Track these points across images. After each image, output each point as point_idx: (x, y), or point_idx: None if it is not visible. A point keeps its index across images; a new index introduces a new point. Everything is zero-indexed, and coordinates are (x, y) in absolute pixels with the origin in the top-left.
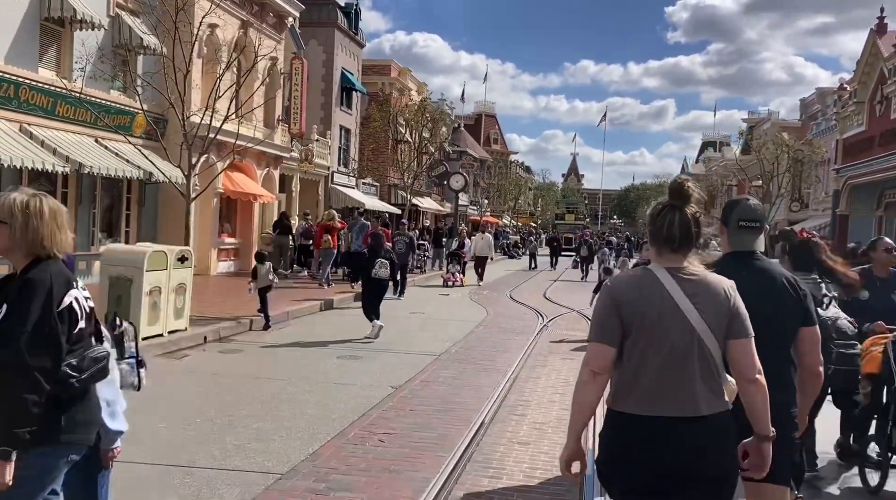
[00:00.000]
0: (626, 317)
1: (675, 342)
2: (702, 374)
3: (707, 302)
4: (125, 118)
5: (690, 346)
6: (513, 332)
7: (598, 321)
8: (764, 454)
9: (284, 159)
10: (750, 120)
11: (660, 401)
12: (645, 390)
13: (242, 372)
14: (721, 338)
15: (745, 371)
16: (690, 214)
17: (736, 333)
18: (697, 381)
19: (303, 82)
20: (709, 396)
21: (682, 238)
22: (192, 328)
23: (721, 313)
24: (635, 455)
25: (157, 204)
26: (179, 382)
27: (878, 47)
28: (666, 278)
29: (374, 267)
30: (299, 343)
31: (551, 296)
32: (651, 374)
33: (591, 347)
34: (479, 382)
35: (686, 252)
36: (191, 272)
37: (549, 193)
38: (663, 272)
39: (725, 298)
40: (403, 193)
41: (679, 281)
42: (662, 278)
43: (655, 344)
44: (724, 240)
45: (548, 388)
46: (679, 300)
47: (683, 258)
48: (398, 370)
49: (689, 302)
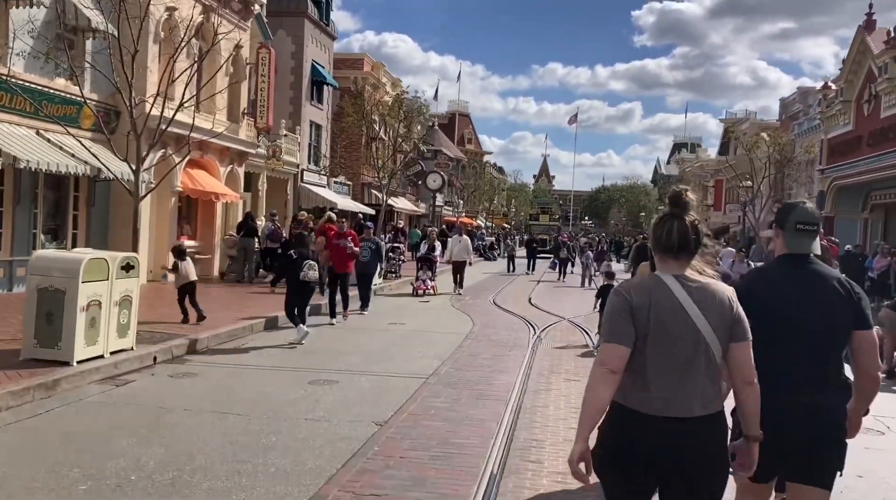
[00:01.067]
0: (637, 319)
1: (683, 346)
2: (706, 376)
3: (712, 308)
4: (71, 108)
5: (697, 349)
6: (504, 346)
7: (613, 323)
8: (752, 454)
9: (250, 156)
10: (727, 121)
11: (667, 402)
12: (653, 391)
13: (196, 404)
14: (725, 342)
15: (744, 374)
16: (689, 221)
17: (737, 336)
18: (703, 383)
19: (270, 73)
20: (710, 397)
21: (681, 245)
22: (140, 348)
23: (724, 318)
24: (636, 450)
25: (108, 204)
26: (116, 418)
27: (867, 44)
28: (674, 285)
29: (302, 269)
30: (264, 364)
31: (537, 302)
32: (660, 375)
33: (607, 347)
34: (479, 414)
35: (687, 259)
36: (138, 282)
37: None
38: (671, 279)
39: (728, 305)
40: (377, 192)
41: (686, 288)
42: (671, 284)
43: (664, 347)
44: (780, 242)
45: (559, 421)
46: (687, 306)
47: (686, 265)
48: (381, 400)
49: (697, 308)
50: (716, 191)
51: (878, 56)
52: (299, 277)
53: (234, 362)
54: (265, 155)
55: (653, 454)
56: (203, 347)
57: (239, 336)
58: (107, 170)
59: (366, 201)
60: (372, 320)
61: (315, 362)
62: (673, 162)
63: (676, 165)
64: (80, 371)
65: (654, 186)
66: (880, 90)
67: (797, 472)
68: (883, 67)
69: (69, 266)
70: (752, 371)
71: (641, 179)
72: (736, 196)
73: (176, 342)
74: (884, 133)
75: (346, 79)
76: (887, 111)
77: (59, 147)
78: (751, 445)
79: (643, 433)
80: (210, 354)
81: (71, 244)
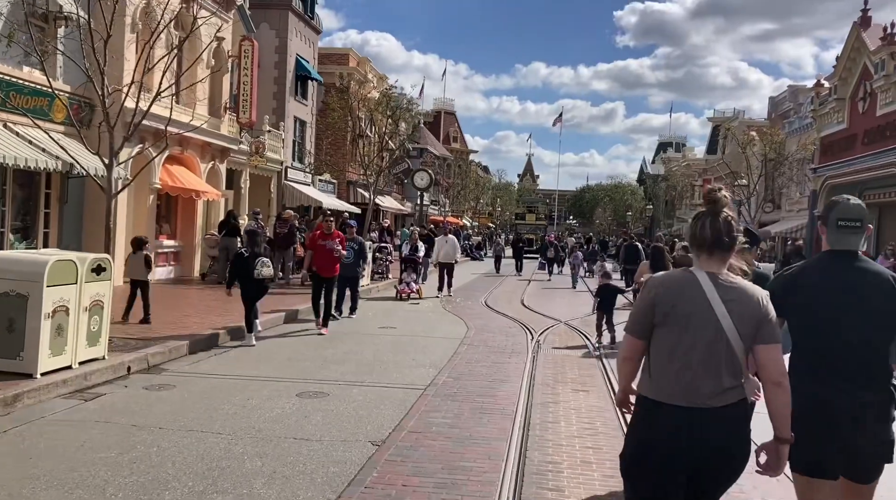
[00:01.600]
0: (659, 313)
1: (704, 340)
2: (725, 371)
3: (739, 307)
4: (43, 100)
5: (717, 344)
6: (503, 352)
7: (633, 315)
8: (781, 455)
9: (232, 152)
10: (715, 119)
11: (685, 392)
12: (672, 381)
13: (171, 421)
14: (748, 342)
15: (772, 375)
16: (722, 219)
17: (764, 338)
18: (721, 376)
19: (253, 66)
20: (730, 390)
21: (714, 242)
22: (112, 357)
23: (751, 318)
24: (661, 441)
25: (82, 201)
26: (83, 439)
27: (862, 41)
28: (704, 281)
29: (255, 267)
30: (247, 374)
31: (530, 304)
32: (679, 366)
33: (625, 336)
34: (484, 431)
35: (721, 255)
36: (110, 285)
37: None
38: (703, 275)
39: (758, 305)
40: (363, 190)
41: (716, 284)
42: (701, 280)
43: (686, 339)
44: (823, 239)
45: (574, 439)
46: (713, 302)
47: (720, 262)
48: (376, 414)
49: (723, 305)
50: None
51: (875, 53)
52: (252, 275)
53: (214, 372)
54: (248, 151)
55: (675, 444)
56: (182, 353)
57: (220, 342)
58: (78, 165)
59: (351, 200)
60: (361, 324)
61: (303, 372)
62: (658, 161)
63: (662, 165)
64: (45, 384)
65: (640, 186)
66: (876, 87)
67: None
68: (879, 64)
69: (32, 269)
70: (780, 372)
71: (626, 178)
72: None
73: (152, 350)
74: (880, 131)
75: (332, 74)
76: (884, 109)
77: (28, 141)
78: (779, 446)
79: (665, 422)
80: (189, 362)
81: (42, 244)
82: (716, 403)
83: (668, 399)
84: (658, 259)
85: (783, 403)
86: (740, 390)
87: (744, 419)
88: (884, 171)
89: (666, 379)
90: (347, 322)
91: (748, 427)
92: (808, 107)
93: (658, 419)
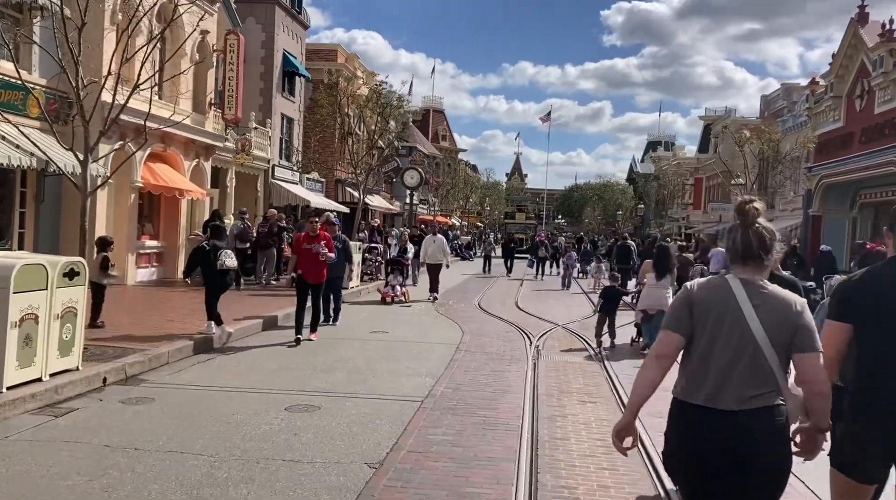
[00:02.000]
0: (695, 314)
1: (734, 345)
2: (754, 376)
3: (770, 314)
4: (17, 95)
5: (746, 350)
6: (502, 359)
7: (671, 312)
8: (817, 441)
9: (217, 150)
10: (706, 118)
11: (715, 395)
12: (708, 385)
13: (149, 440)
14: (781, 347)
15: (811, 384)
16: (754, 230)
17: (801, 347)
18: (749, 382)
19: (239, 61)
20: (759, 396)
21: (746, 252)
22: (87, 367)
23: (783, 324)
24: (697, 444)
25: (59, 200)
26: (50, 462)
27: (860, 37)
28: (737, 287)
29: (218, 257)
30: (231, 385)
31: (524, 306)
32: (713, 370)
33: (662, 333)
34: (490, 450)
35: (756, 264)
36: (84, 291)
37: (494, 192)
38: (736, 281)
39: (791, 312)
40: (351, 190)
41: (749, 291)
42: (734, 286)
43: (718, 344)
44: (890, 244)
45: (587, 459)
46: (744, 308)
47: (755, 270)
48: (372, 431)
49: (753, 311)
50: (695, 189)
51: (873, 49)
52: (216, 266)
53: (197, 382)
54: (234, 149)
55: (710, 447)
56: (162, 362)
57: (204, 348)
58: (52, 162)
59: (340, 199)
60: (352, 329)
61: (291, 382)
62: (648, 160)
63: (652, 164)
64: (12, 399)
65: (629, 185)
66: (875, 85)
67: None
68: (878, 61)
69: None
70: (820, 380)
71: (614, 177)
72: (717, 194)
73: (130, 359)
74: (878, 129)
75: (319, 71)
76: (882, 107)
77: (1, 137)
78: (816, 433)
79: (698, 425)
80: (170, 371)
81: (17, 246)
82: (744, 406)
83: (698, 401)
84: (663, 259)
85: (824, 406)
86: (772, 396)
87: (775, 424)
88: (883, 169)
89: (695, 381)
90: (337, 327)
91: (782, 433)
92: (803, 105)
93: (688, 421)
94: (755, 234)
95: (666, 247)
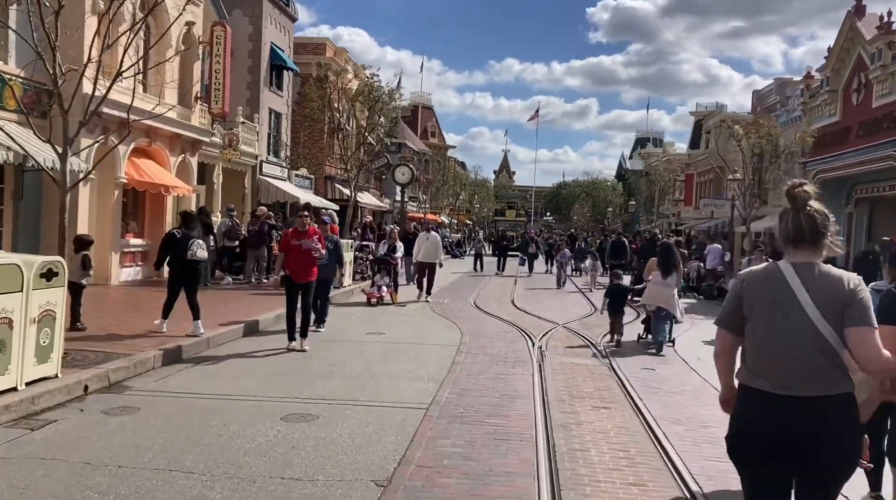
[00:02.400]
0: (746, 306)
1: (791, 327)
2: (819, 357)
3: (822, 292)
4: None
5: (805, 331)
6: (505, 361)
7: (723, 308)
8: None
9: (204, 145)
10: (697, 113)
11: (779, 380)
12: (765, 369)
13: (133, 457)
14: (837, 326)
15: (864, 360)
16: (805, 214)
17: (851, 321)
18: (813, 364)
19: (225, 54)
20: (830, 376)
21: (798, 235)
22: (67, 374)
23: (836, 302)
24: (759, 428)
25: (40, 197)
26: (24, 485)
27: (857, 30)
28: (788, 271)
29: (189, 249)
30: (223, 392)
31: (521, 305)
32: (770, 354)
33: (717, 331)
34: (506, 463)
35: (809, 247)
36: (63, 292)
37: (482, 189)
38: (788, 266)
39: (844, 289)
40: (341, 186)
41: (802, 276)
42: (785, 270)
43: (774, 328)
44: None
45: (611, 473)
46: (796, 290)
47: (810, 253)
48: (376, 443)
49: (808, 296)
50: (687, 185)
51: (871, 42)
52: (186, 257)
53: (185, 389)
54: (220, 144)
55: (774, 432)
56: (148, 367)
57: (192, 352)
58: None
59: (329, 196)
60: (346, 330)
61: (286, 388)
62: (636, 157)
63: (641, 160)
64: None
65: (619, 181)
66: (872, 78)
67: None
68: (876, 54)
69: None
70: (873, 356)
71: (601, 174)
72: (709, 190)
73: (114, 365)
74: (877, 123)
75: (308, 65)
76: (880, 100)
77: None
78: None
79: (763, 411)
80: (157, 377)
81: None
82: (807, 392)
83: (760, 386)
84: (667, 256)
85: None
86: (835, 379)
87: (842, 408)
88: (882, 164)
89: (756, 367)
90: (330, 329)
91: (849, 418)
92: (797, 100)
93: (751, 406)
94: (807, 217)
95: (670, 244)
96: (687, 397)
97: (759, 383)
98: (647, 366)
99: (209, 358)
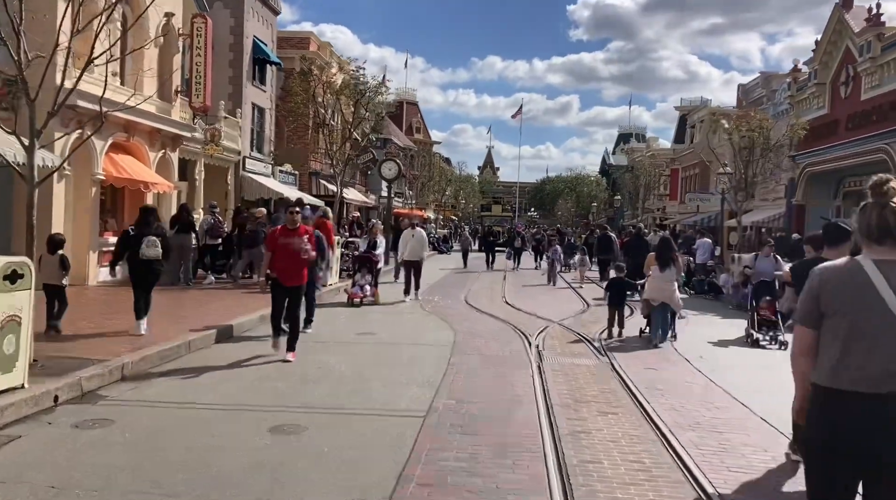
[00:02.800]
0: (824, 302)
1: (874, 324)
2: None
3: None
4: None
5: (888, 327)
6: (503, 363)
7: (800, 305)
8: None
9: (185, 140)
10: (682, 108)
11: (860, 377)
12: (846, 367)
13: (105, 478)
14: None
15: None
16: (891, 209)
17: None
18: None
19: (206, 46)
20: None
21: (883, 231)
22: (35, 384)
23: None
24: (836, 428)
25: (11, 194)
26: None
27: (844, 23)
28: (869, 266)
29: (140, 245)
30: (204, 400)
31: (513, 302)
32: (851, 352)
33: (796, 329)
34: (515, 479)
35: (892, 243)
36: (30, 295)
37: (467, 185)
38: (868, 262)
39: None
40: (325, 182)
41: (882, 270)
42: (866, 266)
43: (856, 326)
44: None
45: (628, 488)
46: (880, 288)
47: (891, 250)
48: (371, 457)
49: (891, 291)
50: (672, 180)
51: (859, 35)
52: (138, 255)
53: (164, 398)
54: (202, 140)
55: (852, 432)
56: (128, 372)
57: (173, 357)
58: None
59: (314, 192)
60: (334, 330)
61: (272, 396)
62: (619, 152)
63: (625, 156)
64: None
65: (602, 177)
66: (861, 71)
67: None
68: (864, 46)
69: None
70: None
71: (584, 170)
72: (694, 185)
73: (87, 372)
74: (865, 116)
75: (291, 59)
76: (869, 93)
77: None
78: None
79: (840, 410)
80: (134, 385)
81: None
82: (892, 388)
83: (839, 386)
84: (665, 250)
85: None
86: None
87: None
88: (871, 156)
89: (836, 367)
90: (318, 330)
91: None
92: (784, 93)
93: (829, 406)
94: (893, 212)
95: (668, 239)
96: (695, 400)
97: (846, 384)
98: (650, 366)
99: (190, 363)
